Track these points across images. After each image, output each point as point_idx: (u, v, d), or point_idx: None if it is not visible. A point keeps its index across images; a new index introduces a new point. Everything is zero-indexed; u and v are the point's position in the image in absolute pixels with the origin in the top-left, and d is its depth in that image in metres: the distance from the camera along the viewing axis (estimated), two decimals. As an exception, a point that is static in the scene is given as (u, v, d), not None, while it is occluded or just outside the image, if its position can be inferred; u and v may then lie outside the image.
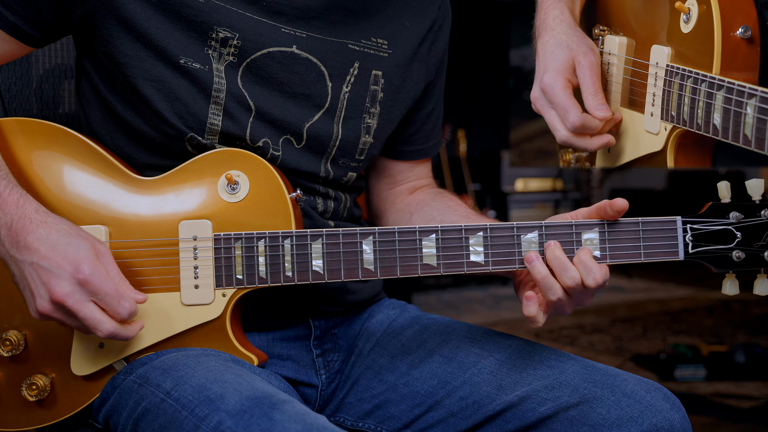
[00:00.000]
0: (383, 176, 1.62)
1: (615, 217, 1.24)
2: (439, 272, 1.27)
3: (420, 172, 1.63)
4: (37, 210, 1.22)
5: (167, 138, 1.34)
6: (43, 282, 1.18)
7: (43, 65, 1.64)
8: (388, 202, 1.62)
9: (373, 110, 1.45)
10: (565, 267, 1.22)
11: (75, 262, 1.18)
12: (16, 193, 1.22)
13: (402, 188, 1.62)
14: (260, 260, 1.28)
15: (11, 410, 1.32)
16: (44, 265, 1.17)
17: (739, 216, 1.24)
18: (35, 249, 1.18)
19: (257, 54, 1.34)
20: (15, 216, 1.20)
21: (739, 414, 3.41)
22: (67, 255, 1.18)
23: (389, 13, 1.46)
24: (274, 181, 1.31)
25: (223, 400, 1.12)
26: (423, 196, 1.60)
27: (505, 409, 1.31)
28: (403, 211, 1.58)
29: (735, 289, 1.26)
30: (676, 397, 1.29)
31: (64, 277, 1.17)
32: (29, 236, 1.19)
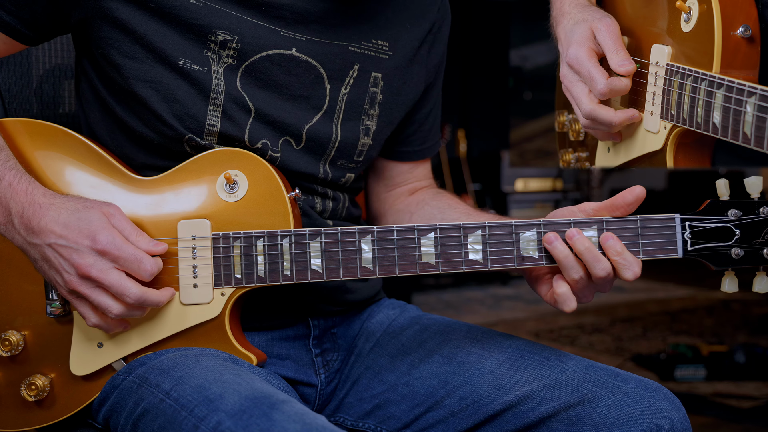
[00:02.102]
0: (382, 178, 1.62)
1: (633, 205, 1.24)
2: (437, 271, 1.27)
3: (420, 173, 1.63)
4: (45, 194, 1.24)
5: (166, 139, 1.34)
6: (66, 258, 1.21)
7: (44, 65, 1.64)
8: (388, 204, 1.62)
9: (372, 112, 1.45)
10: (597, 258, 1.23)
11: (90, 234, 1.20)
12: (25, 182, 1.25)
13: (402, 190, 1.62)
14: (259, 259, 1.28)
15: (10, 410, 1.32)
16: (62, 243, 1.21)
17: (738, 213, 1.24)
18: (50, 230, 1.21)
19: (256, 57, 1.34)
20: (25, 203, 1.23)
21: (739, 414, 3.41)
22: (81, 230, 1.21)
23: (389, 16, 1.46)
24: (273, 180, 1.30)
25: (223, 400, 1.12)
26: (423, 196, 1.60)
27: (505, 409, 1.30)
28: (403, 212, 1.59)
29: (734, 287, 1.26)
30: (676, 397, 1.29)
31: (84, 251, 1.20)
32: (42, 220, 1.22)
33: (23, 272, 1.31)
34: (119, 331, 1.27)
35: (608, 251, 1.23)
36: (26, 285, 1.31)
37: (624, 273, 1.23)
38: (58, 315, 1.30)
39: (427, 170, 1.65)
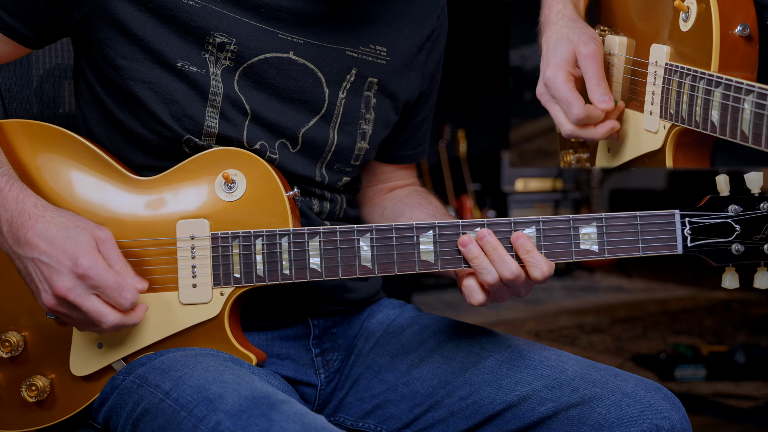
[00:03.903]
0: (364, 174, 1.62)
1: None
2: (437, 269, 1.27)
3: (403, 173, 1.64)
4: (36, 204, 1.22)
5: (164, 140, 1.34)
6: (45, 277, 1.19)
7: (44, 65, 1.64)
8: (366, 198, 1.63)
9: (368, 116, 1.45)
10: (503, 260, 1.23)
11: (73, 256, 1.18)
12: (16, 189, 1.23)
13: (382, 186, 1.63)
14: (258, 259, 1.28)
15: (11, 411, 1.32)
16: (44, 260, 1.19)
17: (738, 209, 1.23)
18: (35, 245, 1.19)
19: (254, 59, 1.34)
20: (15, 212, 1.21)
21: (739, 414, 3.40)
22: (66, 249, 1.18)
23: (389, 21, 1.46)
24: (271, 179, 1.31)
25: (222, 401, 1.12)
26: (399, 193, 1.61)
27: (505, 409, 1.31)
28: (378, 206, 1.60)
29: (735, 283, 1.25)
30: (676, 397, 1.29)
31: (64, 272, 1.18)
32: (29, 232, 1.20)
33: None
34: (112, 332, 1.27)
35: (518, 250, 1.24)
36: (26, 286, 1.31)
37: (532, 272, 1.23)
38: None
39: (411, 172, 1.66)
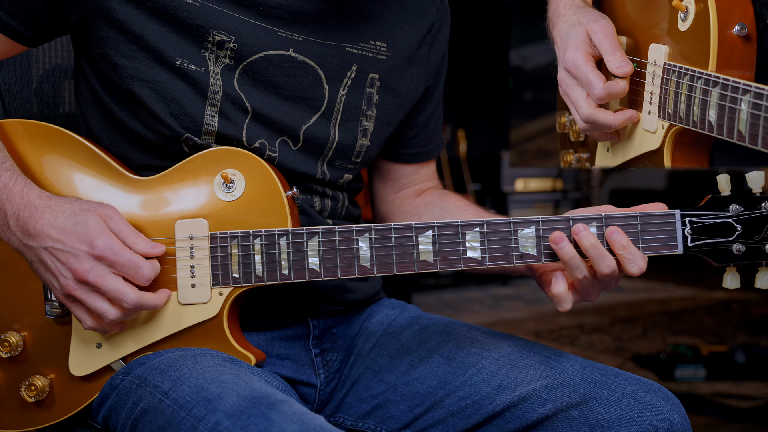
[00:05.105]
0: (388, 180, 1.62)
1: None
2: (436, 268, 1.27)
3: (425, 174, 1.63)
4: (40, 196, 1.24)
5: (163, 139, 1.34)
6: (63, 262, 1.21)
7: (43, 65, 1.64)
8: (395, 206, 1.62)
9: (369, 113, 1.45)
10: (603, 255, 1.21)
11: (87, 239, 1.20)
12: (20, 183, 1.25)
13: (408, 191, 1.62)
14: (256, 258, 1.28)
15: (10, 411, 1.32)
16: (59, 247, 1.20)
17: (739, 209, 1.23)
18: (46, 234, 1.21)
19: (254, 57, 1.34)
20: (21, 205, 1.23)
21: (739, 414, 3.40)
22: (78, 234, 1.20)
23: (387, 17, 1.46)
24: (270, 179, 1.30)
25: (221, 401, 1.12)
26: (430, 197, 1.60)
27: (505, 409, 1.30)
28: (411, 213, 1.59)
29: (736, 283, 1.25)
30: (675, 397, 1.29)
31: (81, 255, 1.20)
32: (37, 223, 1.21)
33: (22, 273, 1.31)
34: (115, 332, 1.27)
35: (614, 245, 1.22)
36: (25, 286, 1.31)
37: (629, 267, 1.22)
38: (57, 316, 1.30)
39: (432, 170, 1.65)
